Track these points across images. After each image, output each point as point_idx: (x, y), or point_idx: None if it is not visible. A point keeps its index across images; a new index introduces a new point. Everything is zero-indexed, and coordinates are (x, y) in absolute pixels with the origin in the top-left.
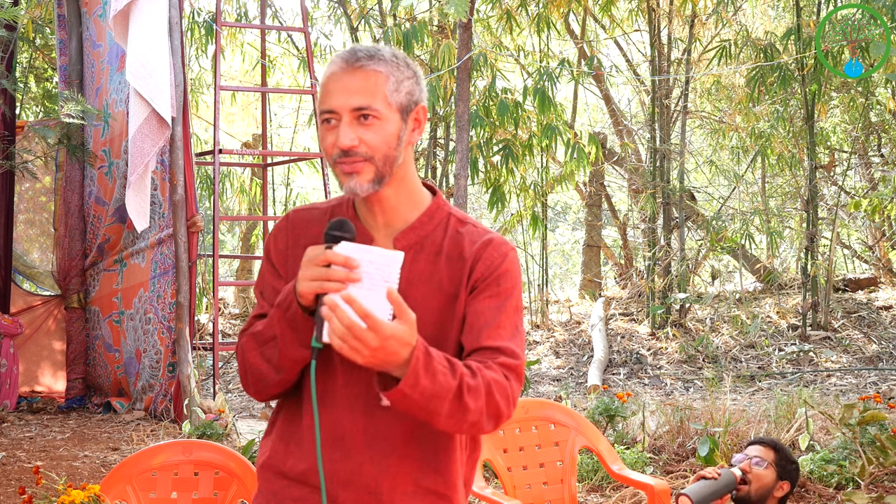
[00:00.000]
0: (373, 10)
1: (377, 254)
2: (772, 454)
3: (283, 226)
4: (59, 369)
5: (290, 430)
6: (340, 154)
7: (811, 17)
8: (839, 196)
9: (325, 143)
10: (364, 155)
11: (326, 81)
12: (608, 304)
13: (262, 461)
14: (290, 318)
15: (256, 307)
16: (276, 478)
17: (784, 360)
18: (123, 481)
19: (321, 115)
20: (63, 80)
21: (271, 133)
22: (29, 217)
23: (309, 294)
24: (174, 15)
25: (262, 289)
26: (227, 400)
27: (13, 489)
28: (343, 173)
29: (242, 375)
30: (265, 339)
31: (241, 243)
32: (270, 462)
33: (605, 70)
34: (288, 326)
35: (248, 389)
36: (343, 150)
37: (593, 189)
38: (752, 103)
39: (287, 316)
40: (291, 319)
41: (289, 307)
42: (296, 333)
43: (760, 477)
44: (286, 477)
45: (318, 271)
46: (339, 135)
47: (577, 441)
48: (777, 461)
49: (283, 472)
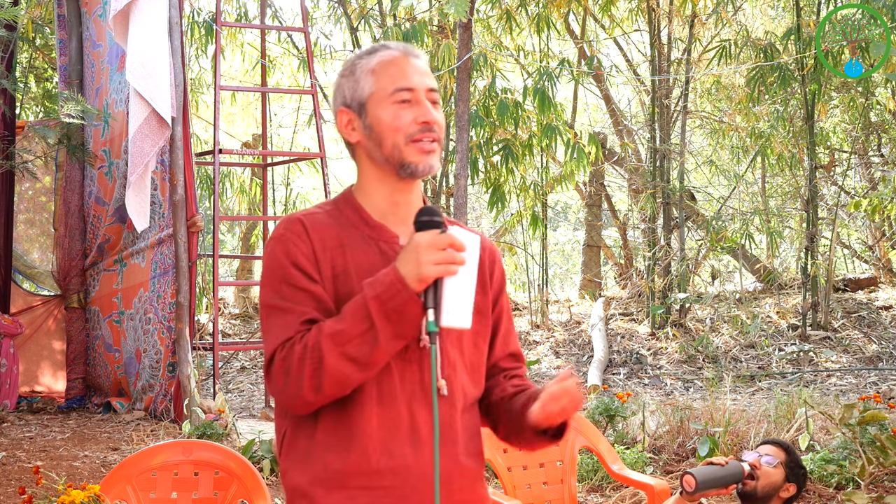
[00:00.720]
0: (373, 10)
1: (465, 237)
2: (783, 455)
3: (300, 231)
4: (59, 369)
5: (344, 436)
6: (420, 130)
7: (811, 17)
8: (839, 196)
9: (402, 121)
10: (437, 135)
11: (389, 64)
12: (608, 304)
13: (310, 479)
14: (394, 308)
15: (294, 316)
16: (334, 491)
17: (784, 360)
18: (123, 481)
19: (397, 93)
20: (63, 80)
21: (271, 133)
22: (29, 217)
23: (431, 278)
24: (174, 15)
25: (294, 298)
26: (227, 400)
27: (13, 489)
28: (421, 151)
29: (311, 382)
30: (349, 337)
31: (241, 243)
32: (325, 476)
33: (605, 70)
34: (387, 318)
35: (311, 395)
36: (429, 125)
37: (593, 189)
38: (752, 103)
39: (389, 307)
40: (396, 310)
41: (392, 297)
42: (395, 325)
43: (769, 474)
44: (348, 487)
45: (442, 255)
46: (425, 110)
47: (577, 441)
48: (787, 463)
49: (344, 483)
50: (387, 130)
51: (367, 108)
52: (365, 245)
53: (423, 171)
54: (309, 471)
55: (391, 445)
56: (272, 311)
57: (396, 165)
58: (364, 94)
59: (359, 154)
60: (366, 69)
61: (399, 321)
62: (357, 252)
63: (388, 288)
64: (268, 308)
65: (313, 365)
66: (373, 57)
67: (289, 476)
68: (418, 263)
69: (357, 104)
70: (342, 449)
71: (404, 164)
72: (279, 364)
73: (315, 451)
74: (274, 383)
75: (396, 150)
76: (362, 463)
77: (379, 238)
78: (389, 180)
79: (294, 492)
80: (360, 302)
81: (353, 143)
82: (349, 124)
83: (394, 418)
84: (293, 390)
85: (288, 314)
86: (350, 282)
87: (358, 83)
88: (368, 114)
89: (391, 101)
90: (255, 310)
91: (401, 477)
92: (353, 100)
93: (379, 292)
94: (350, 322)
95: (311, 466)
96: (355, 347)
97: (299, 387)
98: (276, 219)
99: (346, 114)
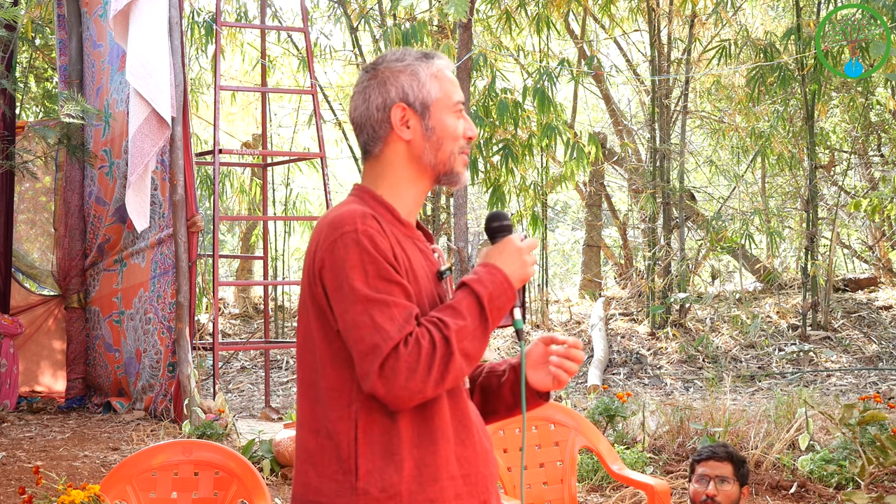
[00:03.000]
0: (373, 9)
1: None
2: (730, 467)
3: (376, 227)
4: (59, 369)
5: (427, 430)
6: (467, 144)
7: (811, 17)
8: (839, 196)
9: (459, 130)
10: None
11: (447, 74)
12: (608, 304)
13: (401, 476)
14: (500, 306)
15: (399, 309)
16: (428, 485)
17: (784, 360)
18: (123, 481)
19: (457, 105)
20: (63, 80)
21: (271, 133)
22: (29, 217)
23: (528, 279)
24: (174, 15)
25: (390, 291)
26: (227, 400)
27: (13, 489)
28: (464, 163)
29: (437, 376)
30: (468, 332)
31: (241, 243)
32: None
33: (605, 70)
34: (494, 315)
35: (432, 389)
36: (473, 140)
37: (593, 189)
38: (752, 103)
39: (496, 305)
40: (501, 307)
41: (500, 295)
42: (497, 321)
43: (729, 495)
44: (439, 479)
45: (533, 258)
46: (472, 126)
47: (577, 441)
48: (736, 472)
49: (436, 476)
50: (448, 138)
51: (430, 110)
52: (409, 243)
53: (462, 182)
54: (400, 468)
55: (462, 435)
56: (371, 304)
57: (443, 172)
58: (430, 97)
59: (396, 151)
60: (429, 73)
61: (499, 318)
62: (408, 250)
63: (497, 286)
64: (365, 302)
65: (443, 360)
66: (431, 62)
67: (373, 477)
68: (523, 264)
69: (420, 104)
70: (429, 442)
71: (453, 172)
72: (406, 358)
73: (401, 447)
74: (394, 378)
75: (452, 158)
76: (447, 454)
77: (413, 237)
78: (423, 183)
79: (383, 492)
80: (473, 299)
81: (403, 140)
82: (405, 121)
83: (462, 409)
84: (417, 385)
85: (391, 307)
86: (416, 277)
87: (424, 85)
88: (432, 117)
89: (452, 111)
90: (255, 310)
91: (473, 464)
92: (416, 99)
93: (490, 290)
94: (469, 318)
95: (402, 463)
96: (471, 342)
97: (425, 382)
98: (276, 219)
99: (404, 110)
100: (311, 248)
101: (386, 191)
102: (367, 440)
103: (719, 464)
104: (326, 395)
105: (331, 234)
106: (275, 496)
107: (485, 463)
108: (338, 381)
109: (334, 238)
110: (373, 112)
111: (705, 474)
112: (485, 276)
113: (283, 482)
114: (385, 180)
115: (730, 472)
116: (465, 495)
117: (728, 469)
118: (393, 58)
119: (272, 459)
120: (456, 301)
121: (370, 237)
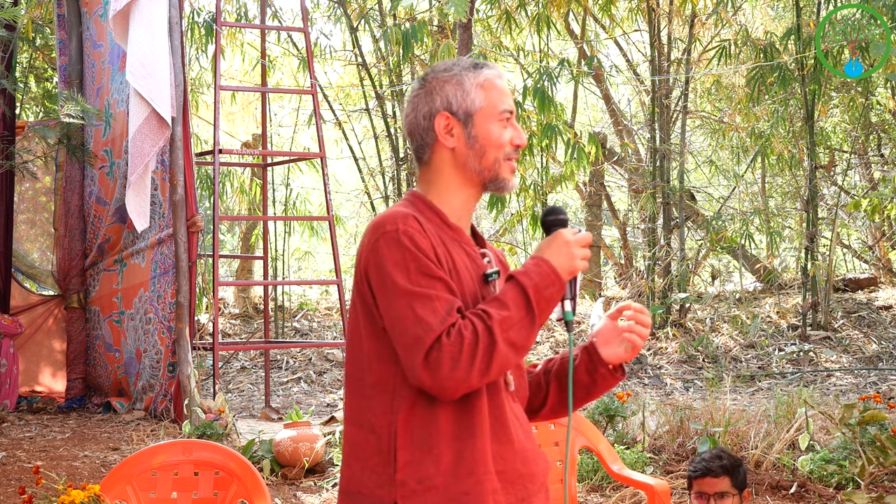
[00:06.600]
0: (373, 9)
1: None
2: (727, 481)
3: (417, 227)
4: (59, 369)
5: (466, 423)
6: (514, 151)
7: (811, 17)
8: (839, 196)
9: (504, 138)
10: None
11: (495, 83)
12: (608, 304)
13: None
14: (547, 297)
15: (442, 302)
16: (464, 478)
17: (784, 360)
18: (123, 481)
19: (503, 113)
20: (63, 80)
21: (271, 133)
22: (29, 217)
23: (577, 272)
24: (174, 15)
25: (432, 286)
26: (227, 400)
27: (13, 489)
28: (511, 170)
29: (481, 366)
30: (513, 323)
31: (241, 243)
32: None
33: (605, 70)
34: (541, 306)
35: (477, 380)
36: (521, 148)
37: (593, 189)
38: (752, 103)
39: (543, 296)
40: (548, 299)
41: (547, 287)
42: (544, 312)
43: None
44: (476, 473)
45: (585, 252)
46: (520, 134)
47: (577, 441)
48: (734, 483)
49: (473, 470)
50: (492, 146)
51: (474, 119)
52: (454, 245)
53: (510, 188)
54: (437, 461)
55: (499, 433)
56: (414, 299)
57: (489, 178)
58: (474, 107)
59: (443, 158)
60: (475, 83)
61: (547, 309)
62: (452, 251)
63: (544, 278)
64: (408, 296)
65: (486, 350)
66: (479, 72)
67: (411, 468)
68: (571, 257)
69: (464, 113)
70: (467, 436)
71: (498, 178)
72: (449, 349)
73: (439, 441)
74: (438, 368)
75: (497, 165)
76: (483, 449)
77: (460, 240)
78: (471, 188)
79: (420, 484)
80: (519, 290)
81: (447, 148)
82: (449, 129)
83: (500, 407)
84: (462, 374)
85: (433, 301)
86: (459, 277)
87: (468, 94)
88: (476, 125)
89: (497, 119)
90: (255, 310)
91: (509, 462)
92: (459, 108)
93: (537, 282)
94: (514, 309)
95: (440, 457)
96: (516, 333)
97: (469, 371)
98: (276, 219)
99: (448, 119)
100: (359, 251)
101: (435, 196)
102: (407, 433)
103: (716, 480)
104: (371, 391)
105: (373, 234)
106: (275, 496)
107: (524, 462)
108: (382, 377)
109: (376, 238)
110: (420, 121)
111: (703, 492)
112: (531, 268)
113: (282, 482)
114: (434, 186)
115: (727, 486)
116: (499, 491)
117: (725, 483)
118: (442, 68)
119: (272, 459)
120: (501, 293)
121: (410, 236)
